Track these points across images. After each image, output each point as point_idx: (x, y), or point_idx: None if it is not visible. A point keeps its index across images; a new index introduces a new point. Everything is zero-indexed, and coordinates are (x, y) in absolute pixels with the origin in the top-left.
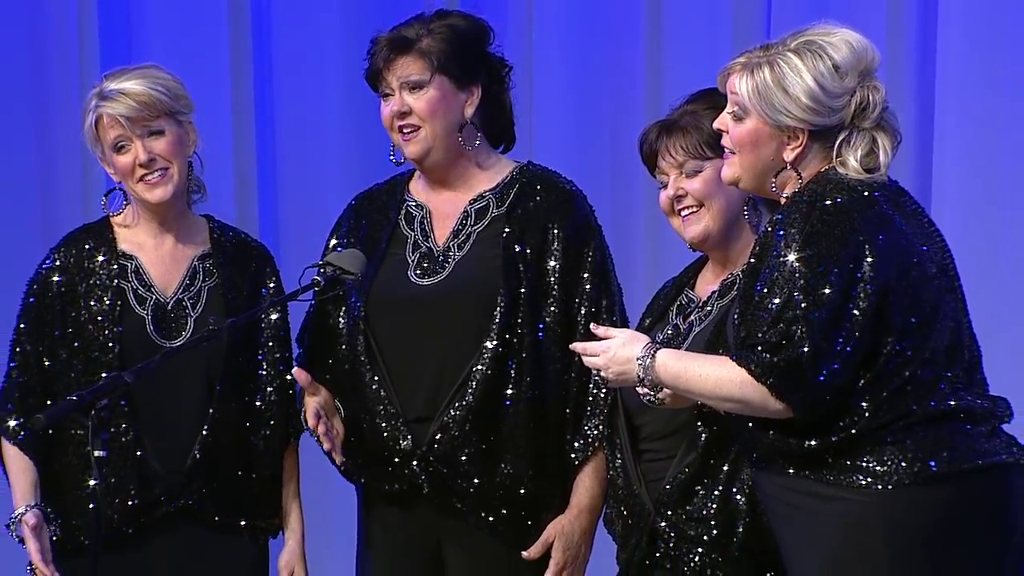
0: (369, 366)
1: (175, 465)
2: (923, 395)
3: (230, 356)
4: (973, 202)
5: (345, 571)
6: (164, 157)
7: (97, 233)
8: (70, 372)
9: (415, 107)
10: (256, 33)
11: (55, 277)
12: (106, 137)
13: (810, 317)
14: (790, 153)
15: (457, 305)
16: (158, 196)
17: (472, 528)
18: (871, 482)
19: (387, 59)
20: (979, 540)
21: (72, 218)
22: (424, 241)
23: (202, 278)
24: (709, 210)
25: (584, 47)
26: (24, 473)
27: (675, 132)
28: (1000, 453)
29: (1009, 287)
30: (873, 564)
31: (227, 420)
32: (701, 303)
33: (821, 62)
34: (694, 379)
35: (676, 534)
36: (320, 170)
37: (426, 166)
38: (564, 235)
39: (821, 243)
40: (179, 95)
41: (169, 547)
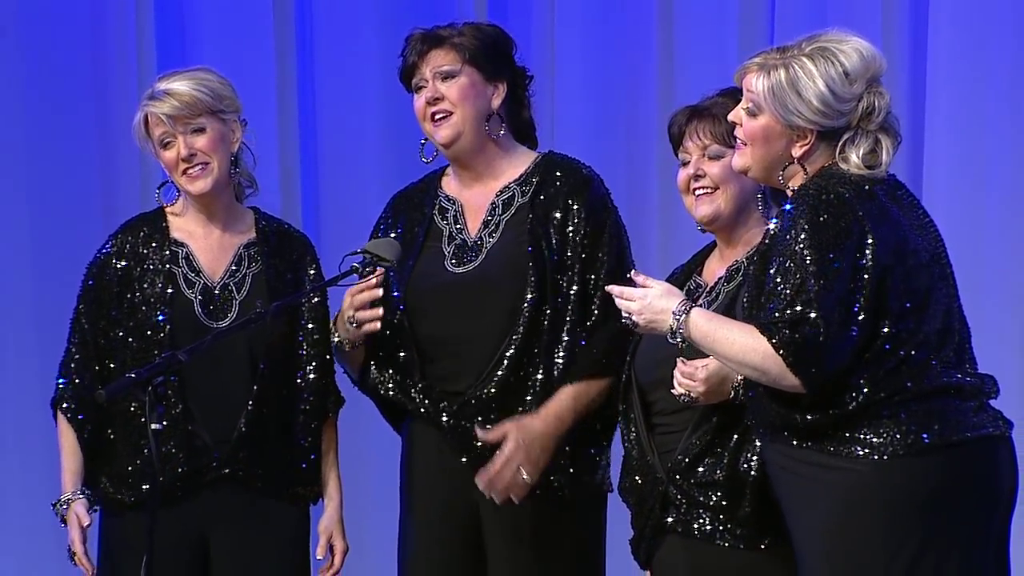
0: (403, 352)
1: (222, 436)
2: (917, 374)
3: (271, 335)
4: (961, 195)
5: (382, 538)
6: (204, 152)
7: (151, 222)
8: (125, 350)
9: (447, 94)
10: (300, 39)
11: (113, 261)
12: (153, 134)
13: (822, 300)
14: (798, 150)
15: (490, 290)
16: (198, 188)
17: None
18: (868, 453)
19: (421, 52)
20: (968, 506)
21: (130, 207)
22: (458, 233)
23: (247, 265)
24: (724, 193)
25: (602, 50)
26: (74, 455)
27: (705, 117)
28: (987, 426)
29: (996, 273)
30: (870, 529)
31: (270, 396)
32: (708, 288)
33: (833, 68)
34: (722, 341)
35: (686, 500)
36: (358, 165)
37: (455, 151)
38: (583, 214)
39: (828, 232)
40: (222, 95)
41: (216, 511)
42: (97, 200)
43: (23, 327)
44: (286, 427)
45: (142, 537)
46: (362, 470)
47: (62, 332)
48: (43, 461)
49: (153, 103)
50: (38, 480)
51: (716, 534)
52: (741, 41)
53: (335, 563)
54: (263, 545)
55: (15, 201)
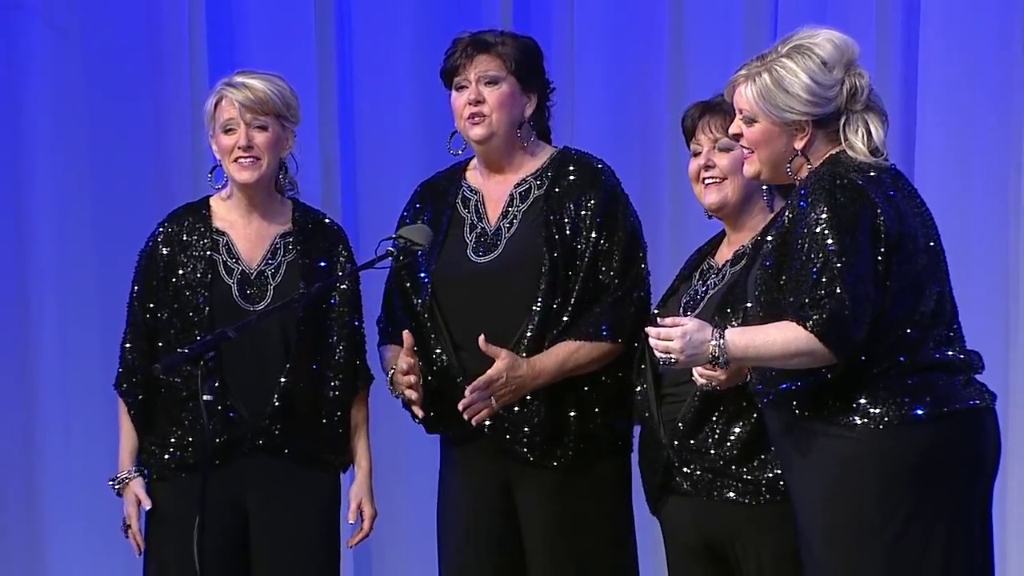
0: (434, 334)
1: (257, 409)
2: (911, 350)
3: (305, 318)
4: (950, 183)
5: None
6: (260, 148)
7: (196, 211)
8: (170, 329)
9: (489, 98)
10: (339, 40)
11: (160, 248)
12: (220, 117)
13: (845, 276)
14: (800, 143)
15: (510, 278)
16: (244, 178)
17: (531, 467)
18: (864, 423)
19: (469, 55)
20: (956, 472)
21: (184, 196)
22: (479, 223)
23: (283, 253)
24: (731, 183)
25: (618, 55)
26: (129, 437)
27: (716, 112)
28: (974, 399)
29: (982, 255)
30: (864, 494)
31: (301, 372)
32: (717, 269)
33: (811, 60)
34: (762, 347)
35: (684, 463)
36: (393, 156)
37: (486, 149)
38: (596, 205)
39: (846, 213)
40: (290, 104)
41: (253, 478)
42: (152, 190)
43: (87, 310)
44: (317, 401)
45: (183, 502)
46: (398, 445)
47: (122, 314)
48: (109, 445)
49: (230, 89)
50: (104, 465)
51: (715, 493)
52: (746, 46)
53: (364, 528)
54: (296, 509)
55: (78, 192)
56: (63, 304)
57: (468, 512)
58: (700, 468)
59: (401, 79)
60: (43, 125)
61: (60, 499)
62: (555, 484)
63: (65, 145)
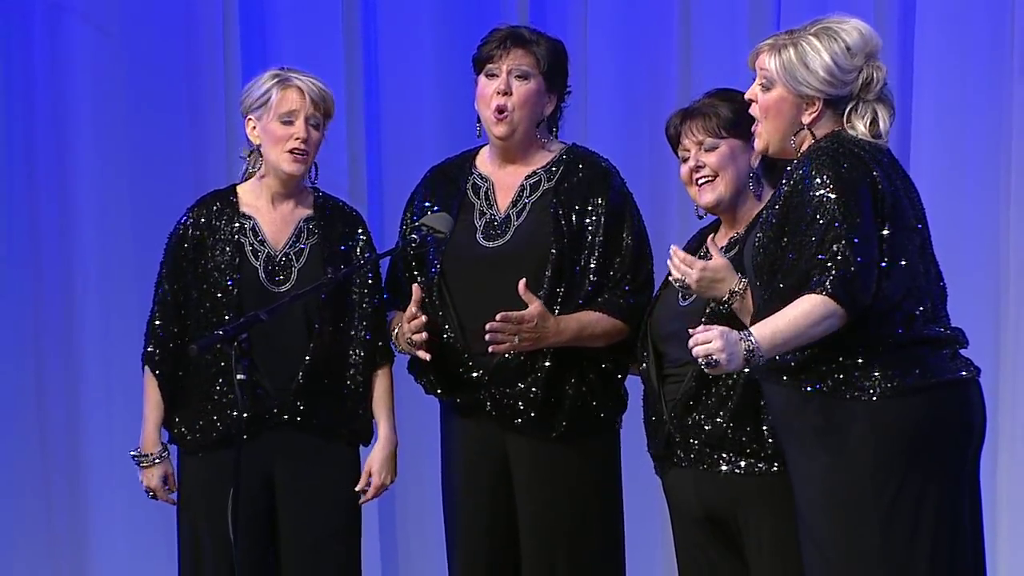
0: (442, 312)
1: (282, 386)
2: (904, 323)
3: (328, 300)
4: (943, 169)
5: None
6: (311, 144)
7: (224, 197)
8: (199, 310)
9: (516, 92)
10: (365, 39)
11: (189, 232)
12: (279, 106)
13: (850, 238)
14: (807, 117)
15: (516, 264)
16: (295, 170)
17: (527, 438)
18: (858, 395)
19: (507, 48)
20: (947, 441)
21: (216, 185)
22: (488, 209)
23: (306, 237)
24: (722, 180)
25: (629, 54)
26: (156, 408)
27: (696, 116)
28: (961, 371)
29: (972, 237)
30: (860, 464)
31: (324, 351)
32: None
33: (836, 44)
34: (787, 329)
35: (685, 438)
36: (415, 149)
37: (505, 144)
38: (603, 203)
39: (848, 180)
40: (333, 108)
41: (279, 451)
42: (188, 179)
43: (127, 292)
44: (339, 378)
45: (214, 475)
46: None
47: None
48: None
49: (300, 81)
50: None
51: (712, 465)
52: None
53: (367, 495)
54: (319, 480)
55: (118, 180)
56: (104, 286)
57: (467, 478)
58: (698, 441)
59: (423, 77)
60: (85, 118)
61: (102, 473)
62: (549, 455)
63: (106, 137)
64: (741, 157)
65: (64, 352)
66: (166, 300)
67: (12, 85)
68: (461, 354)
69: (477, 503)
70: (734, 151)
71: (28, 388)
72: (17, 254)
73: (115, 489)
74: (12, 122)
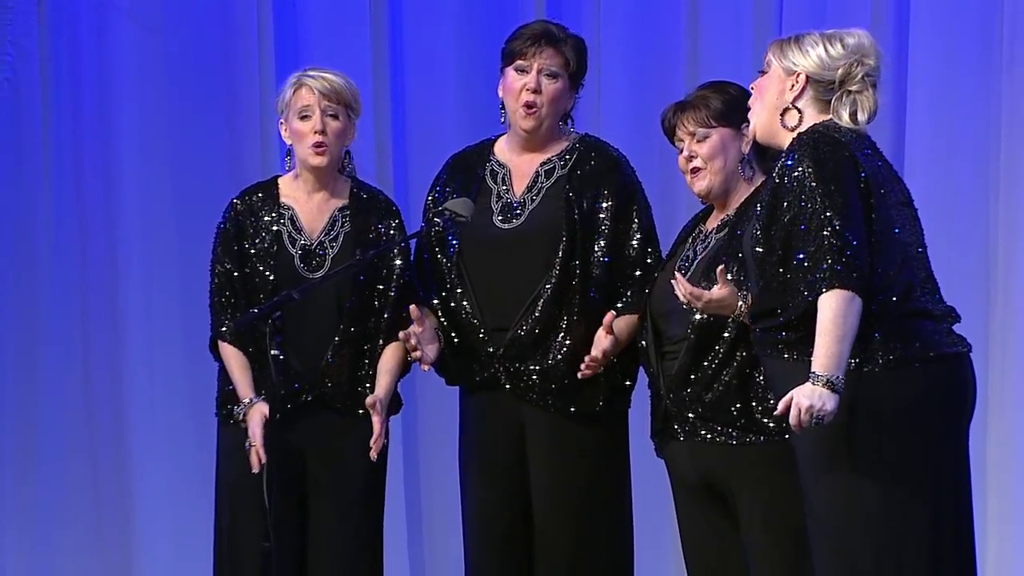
0: (461, 289)
1: (312, 365)
2: (902, 294)
3: (357, 284)
4: (938, 161)
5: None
6: (331, 135)
7: (266, 188)
8: (240, 293)
9: (546, 90)
10: (391, 38)
11: (235, 219)
12: (297, 103)
13: (837, 221)
14: (791, 93)
15: (530, 244)
16: (317, 162)
17: (542, 411)
18: (858, 363)
19: (538, 45)
20: (943, 412)
21: (254, 176)
22: (505, 194)
23: (340, 225)
24: (712, 168)
25: (639, 50)
26: (245, 369)
27: (688, 109)
28: (956, 345)
29: (965, 221)
30: (858, 431)
31: (353, 332)
32: (705, 236)
33: (834, 42)
34: (831, 341)
35: (681, 411)
36: (438, 141)
37: (530, 136)
38: (613, 190)
39: (828, 165)
40: (356, 98)
41: (309, 426)
42: (226, 170)
43: (169, 276)
44: (366, 358)
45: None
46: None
47: (199, 280)
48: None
49: (309, 79)
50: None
51: (707, 436)
52: (755, 44)
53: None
54: (345, 452)
55: (160, 175)
56: (147, 272)
57: (483, 451)
58: (693, 415)
59: (445, 71)
60: (130, 113)
61: (145, 445)
62: (561, 428)
63: (149, 130)
64: (732, 145)
65: (109, 332)
66: (223, 281)
67: (61, 81)
68: (478, 330)
69: (493, 474)
70: (724, 140)
71: (76, 368)
72: (65, 241)
73: (157, 459)
74: (62, 116)
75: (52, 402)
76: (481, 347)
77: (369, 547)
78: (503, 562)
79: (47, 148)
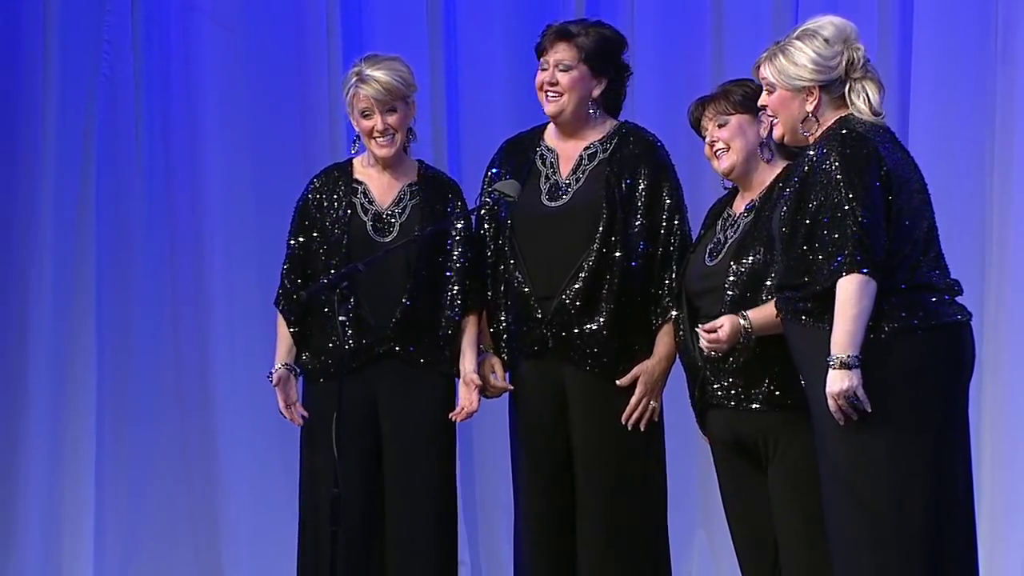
0: (512, 261)
1: (384, 322)
2: (910, 270)
3: (425, 253)
4: (939, 145)
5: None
6: (393, 127)
7: (341, 168)
8: (320, 256)
9: (560, 80)
10: (446, 32)
11: (313, 195)
12: (357, 104)
13: (856, 210)
14: (810, 105)
15: (574, 220)
16: (384, 154)
17: (582, 371)
18: (868, 332)
19: (552, 42)
20: (944, 376)
21: (323, 160)
22: (552, 175)
23: (408, 198)
24: (734, 147)
25: (669, 44)
26: (285, 341)
27: (710, 101)
28: (957, 315)
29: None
30: (871, 392)
31: (421, 295)
32: (734, 219)
33: (816, 40)
34: (847, 322)
35: (719, 380)
36: (488, 127)
37: (558, 121)
38: (648, 171)
39: (853, 159)
40: (409, 83)
41: (381, 379)
42: (299, 157)
43: (247, 251)
44: (433, 318)
45: (328, 399)
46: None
47: (275, 251)
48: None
49: (363, 86)
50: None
51: (745, 402)
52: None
53: (458, 416)
54: (414, 405)
55: (240, 159)
56: (229, 246)
57: (529, 409)
58: (729, 384)
59: (494, 67)
60: (212, 103)
61: (228, 401)
62: (600, 388)
63: (229, 119)
64: (750, 129)
65: (195, 302)
66: (294, 254)
67: (152, 76)
68: (529, 298)
69: (540, 430)
70: (742, 124)
71: (166, 336)
72: (157, 219)
73: (239, 415)
74: (152, 106)
75: (145, 368)
76: (531, 313)
77: (439, 488)
78: (550, 502)
79: (139, 135)
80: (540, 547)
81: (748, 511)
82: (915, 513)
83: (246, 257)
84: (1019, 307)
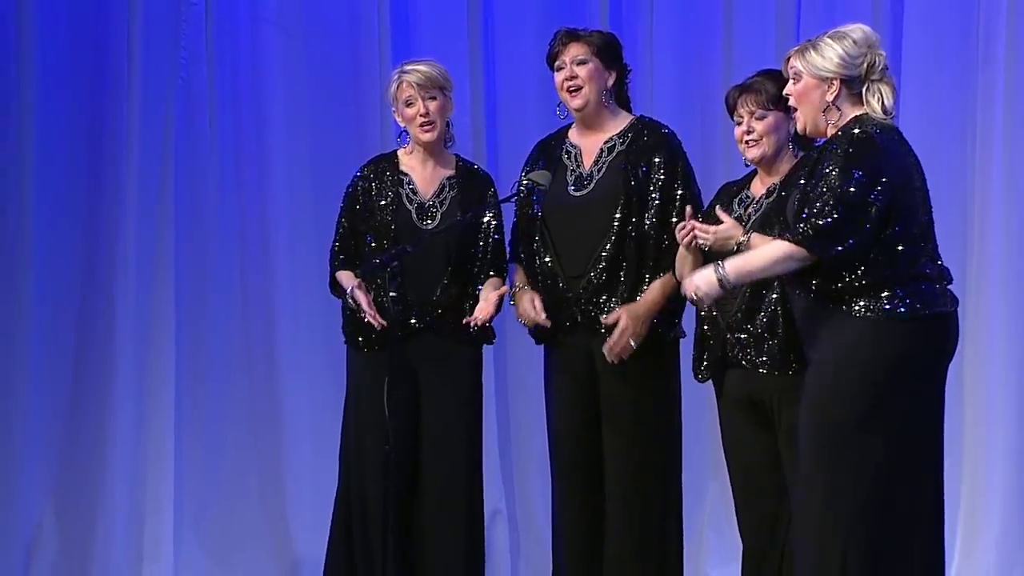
0: (543, 245)
1: (424, 299)
2: (908, 261)
3: (462, 238)
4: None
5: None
6: (434, 113)
7: (388, 159)
8: (368, 240)
9: (580, 74)
10: (484, 37)
11: (361, 183)
12: (401, 95)
13: (834, 204)
14: (830, 95)
15: (597, 207)
16: (427, 138)
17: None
18: (864, 313)
19: (565, 43)
20: (929, 359)
21: (373, 149)
22: (577, 168)
23: (448, 190)
24: (767, 141)
25: (685, 45)
26: (349, 277)
27: (749, 91)
28: (947, 304)
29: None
30: (862, 369)
31: (458, 274)
32: (755, 199)
33: (846, 40)
34: (753, 261)
35: (737, 342)
36: (522, 125)
37: (584, 113)
38: (662, 161)
39: (854, 159)
40: (448, 79)
41: (420, 350)
42: (354, 152)
43: (308, 234)
44: (468, 295)
45: (373, 368)
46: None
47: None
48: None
49: (406, 74)
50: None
51: (759, 363)
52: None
53: (477, 318)
54: (449, 374)
55: (301, 152)
56: (292, 232)
57: (561, 380)
58: (745, 345)
59: (527, 70)
60: (277, 101)
61: (292, 370)
62: (624, 360)
63: (292, 116)
64: (783, 126)
65: (262, 279)
66: (344, 236)
67: (224, 79)
68: (557, 276)
69: (570, 399)
70: (778, 121)
71: (236, 307)
72: (228, 206)
73: (298, 379)
74: (224, 107)
75: (217, 334)
76: (561, 292)
77: (469, 439)
78: (579, 456)
79: (213, 132)
80: (573, 494)
81: (748, 458)
82: (883, 488)
83: (306, 239)
84: (999, 298)
